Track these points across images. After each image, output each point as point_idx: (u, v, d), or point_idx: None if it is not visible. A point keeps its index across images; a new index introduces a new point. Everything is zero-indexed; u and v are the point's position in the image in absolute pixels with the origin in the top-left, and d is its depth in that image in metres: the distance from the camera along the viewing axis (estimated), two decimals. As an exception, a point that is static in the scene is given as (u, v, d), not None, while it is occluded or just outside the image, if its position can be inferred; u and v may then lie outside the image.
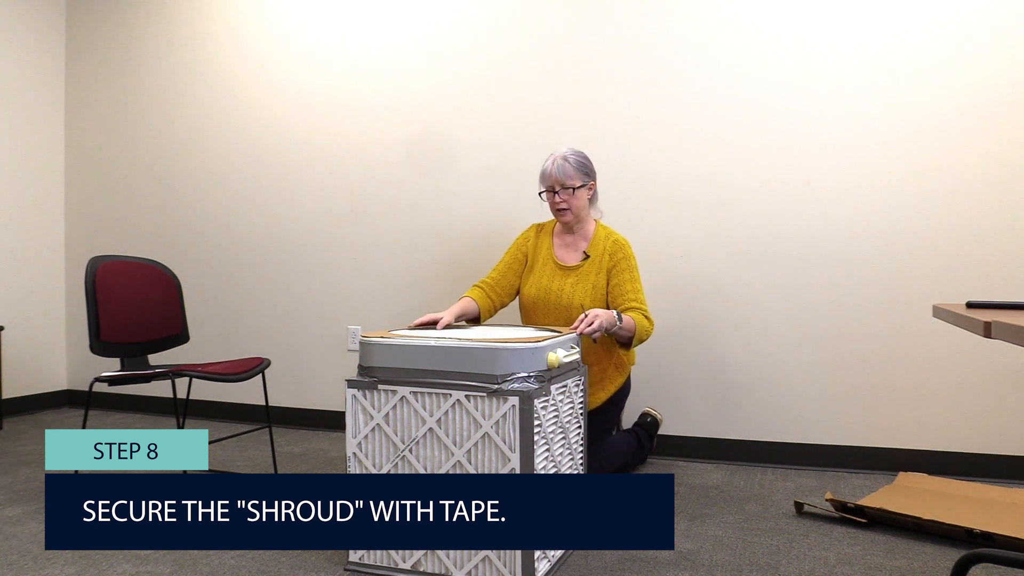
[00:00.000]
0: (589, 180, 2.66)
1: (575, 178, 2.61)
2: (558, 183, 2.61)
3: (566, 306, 2.62)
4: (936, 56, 2.87)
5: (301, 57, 3.76)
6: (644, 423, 2.99)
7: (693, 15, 3.14)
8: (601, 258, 2.63)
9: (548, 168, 2.62)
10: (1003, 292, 2.82)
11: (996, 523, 2.18)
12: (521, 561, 1.83)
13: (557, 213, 2.65)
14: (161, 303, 2.88)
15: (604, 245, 2.65)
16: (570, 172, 2.61)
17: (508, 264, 2.79)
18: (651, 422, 3.00)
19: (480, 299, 2.71)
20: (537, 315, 2.71)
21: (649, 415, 3.01)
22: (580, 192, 2.63)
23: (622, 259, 2.63)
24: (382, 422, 1.97)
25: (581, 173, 2.63)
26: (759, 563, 2.03)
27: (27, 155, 4.13)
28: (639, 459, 2.93)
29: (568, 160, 2.61)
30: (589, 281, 2.62)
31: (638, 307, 2.58)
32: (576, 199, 2.63)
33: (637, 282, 2.63)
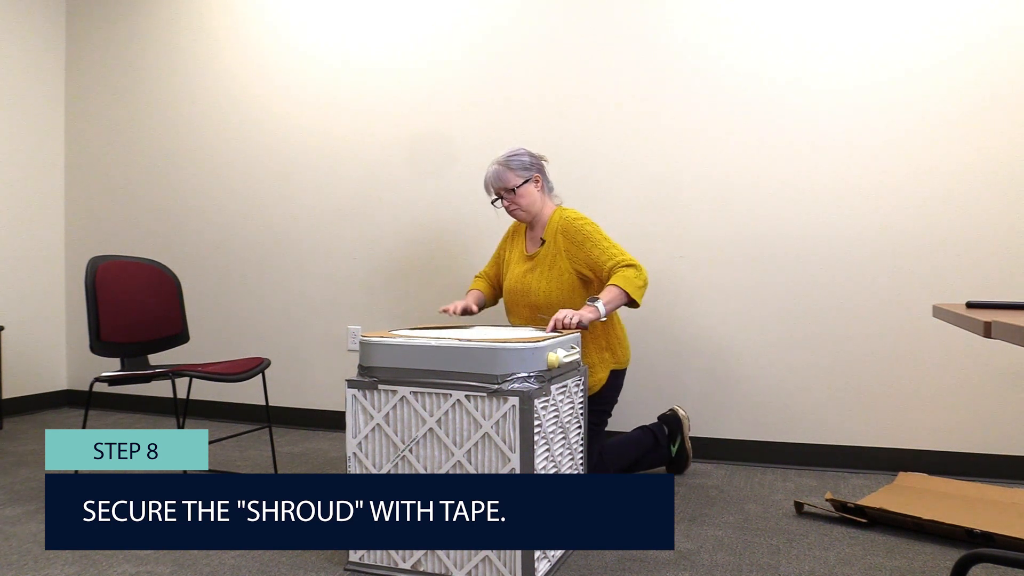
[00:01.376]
0: (530, 174, 2.64)
1: (514, 178, 2.62)
2: (500, 189, 2.64)
3: (526, 291, 2.62)
4: (936, 56, 2.87)
5: (301, 57, 3.76)
6: (665, 418, 2.89)
7: (693, 16, 3.14)
8: (555, 240, 2.61)
9: (487, 177, 2.66)
10: (1003, 292, 2.82)
11: (996, 523, 2.18)
12: (521, 561, 1.83)
13: (511, 215, 2.69)
14: (161, 303, 2.88)
15: (556, 227, 2.63)
16: (506, 175, 2.62)
17: (496, 257, 2.90)
18: (671, 416, 2.88)
19: (485, 289, 2.87)
20: (512, 307, 2.72)
21: (671, 411, 2.91)
22: (524, 189, 2.63)
23: (574, 234, 2.58)
24: (382, 422, 1.97)
25: (520, 171, 2.63)
26: (759, 563, 2.03)
27: (27, 155, 4.13)
28: (655, 458, 2.82)
29: (502, 164, 2.63)
30: (547, 263, 2.61)
31: (622, 263, 2.49)
32: (522, 197, 2.63)
33: (603, 242, 2.55)
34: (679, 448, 2.87)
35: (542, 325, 2.57)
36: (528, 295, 2.63)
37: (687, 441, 2.88)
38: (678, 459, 2.88)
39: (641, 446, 2.78)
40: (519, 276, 2.68)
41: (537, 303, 2.61)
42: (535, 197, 2.67)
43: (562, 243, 2.60)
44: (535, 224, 2.71)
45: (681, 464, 2.89)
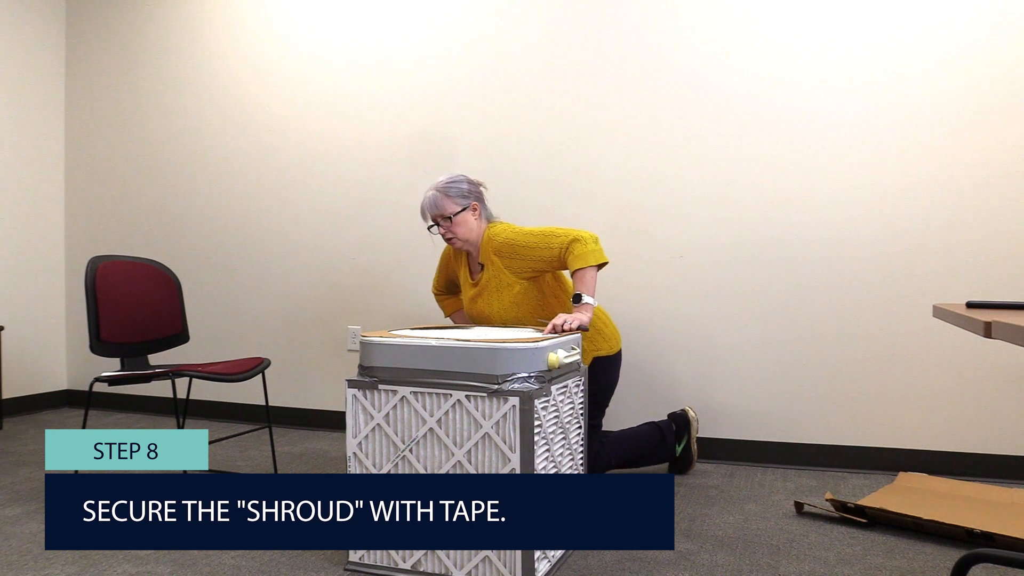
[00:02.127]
0: (469, 202, 2.58)
1: (451, 206, 2.56)
2: (436, 216, 2.58)
3: (486, 317, 2.61)
4: (936, 56, 2.87)
5: (301, 57, 3.76)
6: (675, 416, 2.88)
7: (693, 17, 3.14)
8: (492, 263, 2.56)
9: (424, 203, 2.60)
10: (1003, 292, 2.82)
11: (996, 523, 2.18)
12: (521, 561, 1.84)
13: (448, 243, 2.63)
14: (161, 303, 2.88)
15: (488, 250, 2.57)
16: (443, 202, 2.56)
17: (443, 269, 2.87)
18: (681, 415, 2.87)
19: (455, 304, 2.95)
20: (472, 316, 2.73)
21: (683, 410, 2.90)
22: (461, 218, 2.57)
23: (508, 249, 2.52)
24: (382, 422, 1.97)
25: (458, 199, 2.57)
26: (759, 563, 2.03)
27: (27, 155, 4.13)
28: (660, 455, 2.80)
29: (440, 191, 2.57)
30: (494, 287, 2.57)
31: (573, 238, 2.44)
32: (459, 226, 2.57)
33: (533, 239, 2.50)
34: (684, 448, 2.87)
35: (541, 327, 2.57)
36: (489, 319, 2.61)
37: (693, 443, 2.88)
38: (682, 459, 2.87)
39: (646, 441, 2.77)
40: (471, 303, 2.66)
41: (502, 320, 2.59)
42: (472, 226, 2.59)
43: (499, 263, 2.55)
44: (472, 252, 2.68)
45: (685, 464, 2.89)
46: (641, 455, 2.76)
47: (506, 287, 2.55)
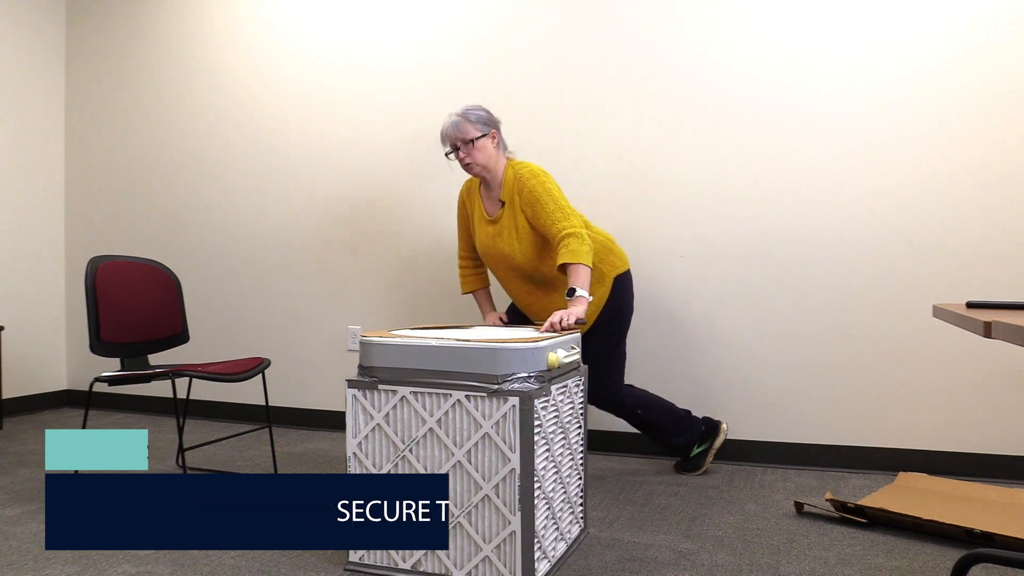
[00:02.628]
0: (489, 129, 2.61)
1: (472, 131, 2.58)
2: (457, 140, 2.59)
3: (506, 256, 2.63)
4: (936, 57, 2.87)
5: (302, 57, 3.76)
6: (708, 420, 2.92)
7: (694, 18, 3.14)
8: (512, 199, 2.60)
9: (445, 128, 2.61)
10: (1003, 292, 2.82)
11: (996, 523, 2.18)
12: (521, 561, 1.84)
13: (465, 168, 2.64)
14: (161, 303, 2.88)
15: (512, 185, 2.61)
16: (465, 127, 2.58)
17: (463, 228, 2.87)
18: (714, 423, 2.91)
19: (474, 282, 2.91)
20: (494, 268, 2.76)
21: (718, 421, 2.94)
22: (481, 143, 2.59)
23: (528, 193, 2.56)
24: (382, 422, 1.97)
25: (479, 124, 2.60)
26: (759, 563, 2.03)
27: (27, 155, 4.13)
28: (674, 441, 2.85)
29: (464, 116, 2.59)
30: (512, 225, 2.61)
31: (565, 232, 2.47)
32: (479, 151, 2.60)
33: (549, 203, 2.53)
34: (701, 453, 2.89)
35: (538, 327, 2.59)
36: (505, 259, 2.64)
37: (711, 454, 2.89)
38: (693, 461, 2.90)
39: (670, 418, 2.83)
40: (489, 241, 2.67)
41: (517, 265, 2.63)
42: (491, 152, 2.63)
43: (518, 201, 2.60)
44: (491, 183, 2.67)
45: (692, 467, 2.91)
46: (658, 426, 2.81)
47: (522, 229, 2.59)
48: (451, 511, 1.90)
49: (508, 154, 2.72)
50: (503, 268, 2.70)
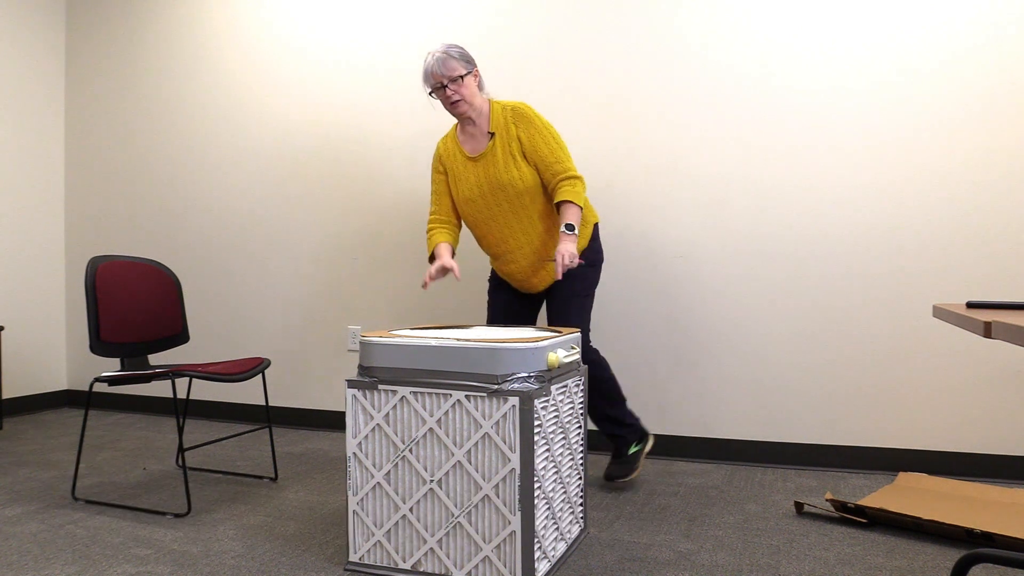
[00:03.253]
0: (472, 67, 2.59)
1: (458, 68, 2.54)
2: (444, 78, 2.54)
3: (504, 185, 2.56)
4: (937, 57, 2.87)
5: (301, 56, 3.76)
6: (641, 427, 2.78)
7: (693, 17, 3.14)
8: (506, 128, 2.57)
9: (429, 65, 2.55)
10: (1003, 292, 2.82)
11: (996, 523, 2.18)
12: (521, 561, 1.84)
13: (451, 108, 2.58)
14: (161, 303, 2.88)
15: (503, 116, 2.58)
16: (452, 64, 2.53)
17: (438, 192, 2.73)
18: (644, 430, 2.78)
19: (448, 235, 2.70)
20: (483, 213, 2.62)
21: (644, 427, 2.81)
22: (467, 80, 2.56)
23: (527, 123, 2.55)
24: (382, 422, 1.97)
25: (463, 62, 2.56)
26: (759, 563, 2.03)
27: (27, 155, 4.13)
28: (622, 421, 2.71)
29: (448, 53, 2.54)
30: (505, 153, 2.56)
31: (564, 174, 2.53)
32: (465, 87, 2.55)
33: (551, 141, 2.55)
34: (635, 453, 2.72)
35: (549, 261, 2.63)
36: (503, 189, 2.56)
37: (643, 457, 2.74)
38: (628, 460, 2.70)
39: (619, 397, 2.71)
40: (480, 179, 2.59)
41: (518, 193, 2.55)
42: (475, 91, 2.60)
43: (515, 131, 2.56)
44: (476, 120, 2.62)
45: (628, 466, 2.69)
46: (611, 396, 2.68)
47: (518, 157, 2.56)
48: (451, 511, 1.90)
49: (486, 94, 2.67)
50: (498, 206, 2.59)
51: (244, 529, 2.32)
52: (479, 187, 2.61)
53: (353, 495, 2.01)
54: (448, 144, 2.70)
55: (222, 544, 2.19)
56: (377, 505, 1.98)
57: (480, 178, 2.60)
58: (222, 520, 2.41)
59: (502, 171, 2.56)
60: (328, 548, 2.16)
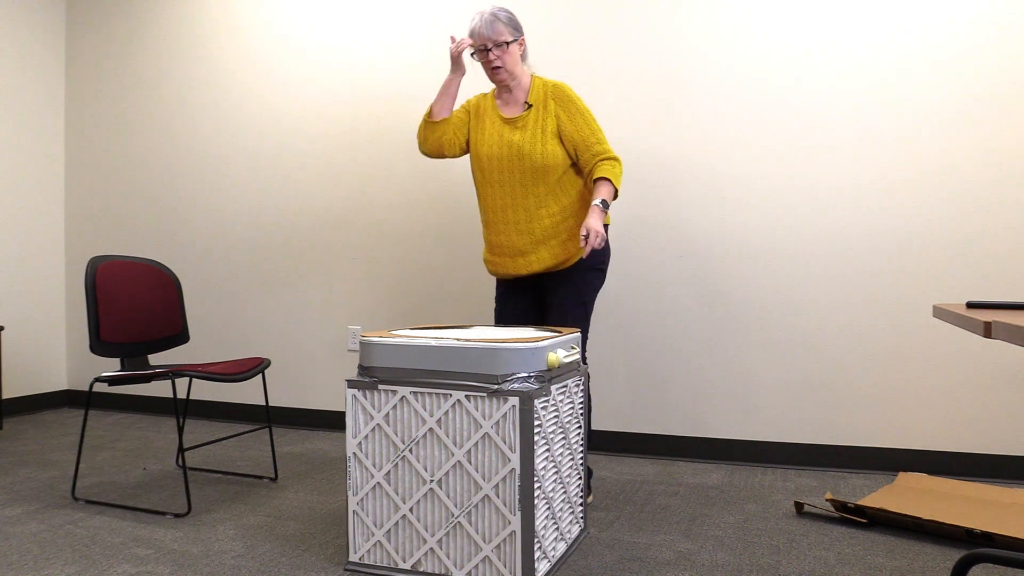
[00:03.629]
0: (519, 35, 2.54)
1: (505, 34, 2.48)
2: (489, 41, 2.48)
3: (518, 156, 2.51)
4: (936, 56, 2.87)
5: (302, 57, 3.76)
6: None
7: (693, 16, 3.14)
8: (545, 103, 2.53)
9: (477, 26, 2.49)
10: (1003, 292, 2.82)
11: (996, 523, 2.18)
12: (521, 561, 1.84)
13: (491, 73, 2.53)
14: (161, 303, 2.88)
15: (544, 91, 2.54)
16: (500, 28, 2.48)
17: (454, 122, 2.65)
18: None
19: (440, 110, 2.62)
20: (493, 173, 2.57)
21: None
22: (512, 48, 2.51)
23: (568, 102, 2.52)
24: (382, 422, 1.97)
25: (511, 28, 2.50)
26: (759, 563, 2.03)
27: (27, 155, 4.13)
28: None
29: (497, 16, 2.48)
30: (538, 127, 2.52)
31: (603, 154, 2.49)
32: (509, 55, 2.51)
33: (592, 122, 2.53)
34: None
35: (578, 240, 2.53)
36: (522, 159, 2.51)
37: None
38: None
39: None
40: (502, 138, 2.54)
41: (531, 167, 2.50)
42: (517, 59, 2.55)
43: (553, 107, 2.52)
44: (514, 90, 2.58)
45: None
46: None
47: (549, 133, 2.52)
48: (451, 511, 1.90)
49: (528, 67, 2.62)
50: (511, 174, 2.54)
51: (244, 529, 2.32)
52: (499, 148, 2.55)
53: (353, 495, 2.01)
54: (483, 100, 2.65)
55: (222, 544, 2.19)
56: (377, 505, 1.98)
57: (504, 140, 2.54)
58: (222, 520, 2.41)
59: (528, 141, 2.51)
60: (328, 548, 2.16)
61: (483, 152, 2.58)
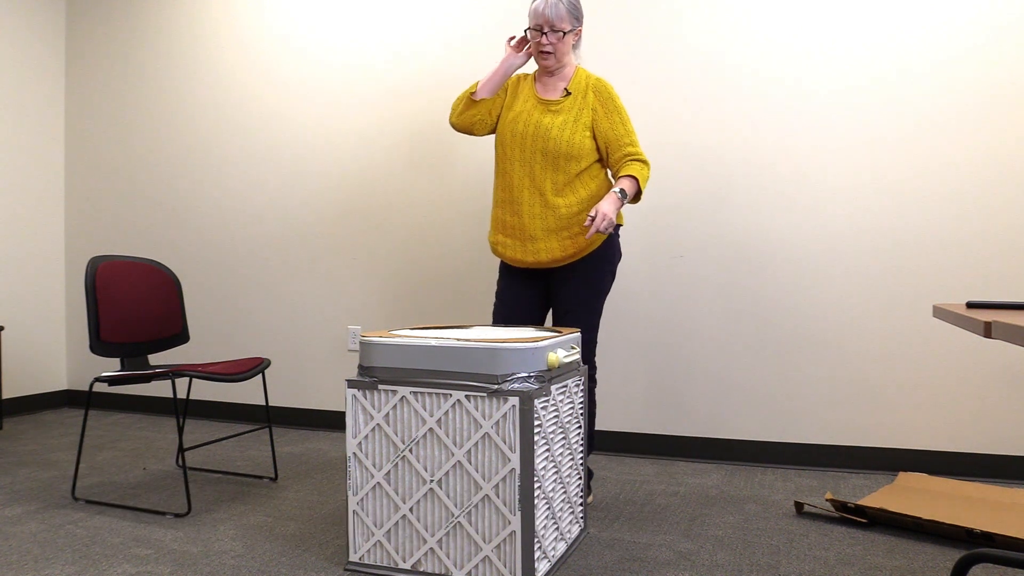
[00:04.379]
0: (578, 25, 2.50)
1: (566, 21, 2.44)
2: (548, 24, 2.43)
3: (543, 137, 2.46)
4: (936, 56, 2.87)
5: (302, 56, 3.76)
6: None
7: (695, 16, 3.14)
8: (584, 94, 2.50)
9: (540, 7, 2.43)
10: (1003, 292, 2.82)
11: (996, 523, 2.18)
12: (521, 561, 1.84)
13: (540, 56, 2.49)
14: (161, 303, 2.88)
15: (586, 83, 2.51)
16: (563, 14, 2.43)
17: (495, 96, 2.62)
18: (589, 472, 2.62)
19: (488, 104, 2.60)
20: (515, 150, 2.52)
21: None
22: (567, 38, 2.47)
23: (608, 99, 2.50)
24: (382, 422, 1.97)
25: (572, 17, 2.46)
26: (759, 563, 2.03)
27: (27, 155, 4.13)
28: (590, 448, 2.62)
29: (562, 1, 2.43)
30: (572, 115, 2.49)
31: (635, 155, 2.47)
32: (563, 44, 2.46)
33: (628, 123, 2.51)
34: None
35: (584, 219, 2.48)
36: (548, 141, 2.46)
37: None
38: None
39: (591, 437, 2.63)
40: (531, 117, 2.50)
41: (554, 151, 2.45)
42: (569, 49, 2.50)
43: (592, 100, 2.50)
44: (556, 75, 2.54)
45: None
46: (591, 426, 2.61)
47: (576, 116, 2.48)
48: (451, 511, 1.90)
49: (576, 57, 2.59)
50: (533, 154, 2.49)
51: (244, 529, 2.32)
52: (525, 126, 2.50)
53: (353, 495, 2.01)
54: (521, 80, 2.61)
55: (222, 544, 2.19)
56: (377, 505, 1.98)
57: (533, 119, 2.49)
58: (222, 520, 2.41)
59: (558, 126, 2.46)
60: (328, 548, 2.16)
61: (508, 129, 2.53)
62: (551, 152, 2.46)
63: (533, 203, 2.50)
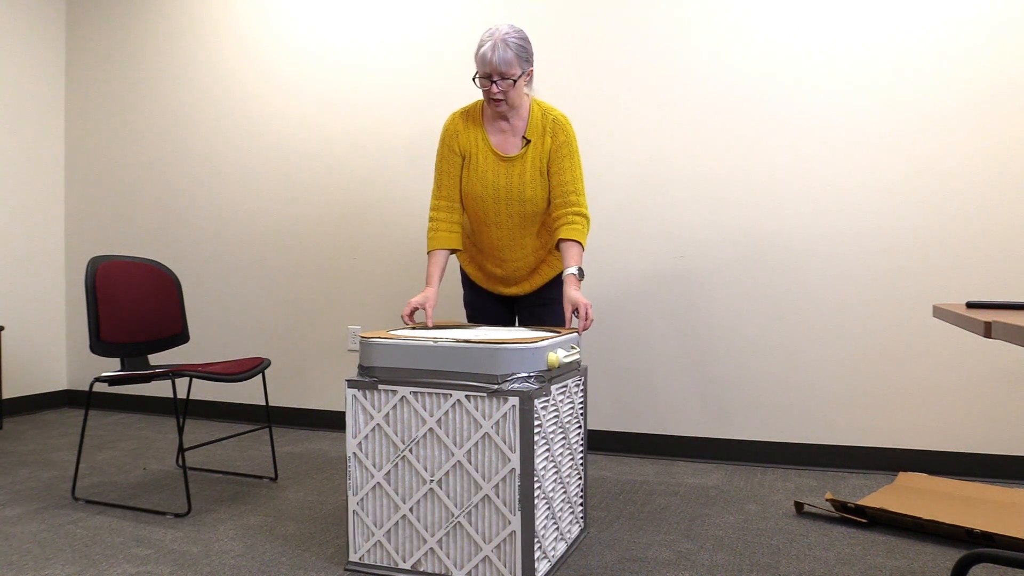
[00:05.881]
0: (528, 67, 2.33)
1: (515, 66, 2.27)
2: (496, 72, 2.26)
3: (518, 200, 2.38)
4: (936, 55, 2.87)
5: (302, 56, 3.76)
6: None
7: (694, 17, 3.14)
8: (542, 139, 2.37)
9: (487, 53, 2.26)
10: (1003, 292, 2.82)
11: (996, 523, 2.18)
12: (521, 561, 1.84)
13: (492, 103, 2.33)
14: (161, 303, 2.88)
15: (543, 124, 2.38)
16: (511, 59, 2.26)
17: (449, 174, 2.46)
18: None
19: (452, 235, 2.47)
20: (490, 215, 2.42)
21: None
22: (519, 82, 2.31)
23: (564, 143, 2.37)
24: (382, 422, 1.97)
25: (521, 60, 2.29)
26: (759, 563, 2.04)
27: (27, 155, 4.13)
28: None
29: (509, 44, 2.26)
30: (536, 165, 2.37)
31: (577, 209, 2.35)
32: (514, 90, 2.31)
33: (578, 169, 2.38)
34: None
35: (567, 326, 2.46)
36: (524, 204, 2.38)
37: None
38: None
39: None
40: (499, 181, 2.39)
41: (529, 213, 2.39)
42: (522, 92, 2.36)
43: (548, 145, 2.37)
44: (512, 120, 2.40)
45: None
46: None
47: (540, 168, 2.38)
48: (451, 511, 1.90)
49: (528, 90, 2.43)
50: (509, 217, 2.42)
51: (244, 529, 2.32)
52: (495, 190, 2.40)
53: (353, 495, 2.01)
54: (470, 128, 2.43)
55: (222, 544, 2.19)
56: (377, 505, 1.98)
57: (501, 182, 2.39)
58: (222, 520, 2.41)
59: (528, 185, 2.37)
60: (328, 548, 2.16)
61: (477, 193, 2.41)
62: (529, 212, 2.40)
63: (516, 258, 2.47)
